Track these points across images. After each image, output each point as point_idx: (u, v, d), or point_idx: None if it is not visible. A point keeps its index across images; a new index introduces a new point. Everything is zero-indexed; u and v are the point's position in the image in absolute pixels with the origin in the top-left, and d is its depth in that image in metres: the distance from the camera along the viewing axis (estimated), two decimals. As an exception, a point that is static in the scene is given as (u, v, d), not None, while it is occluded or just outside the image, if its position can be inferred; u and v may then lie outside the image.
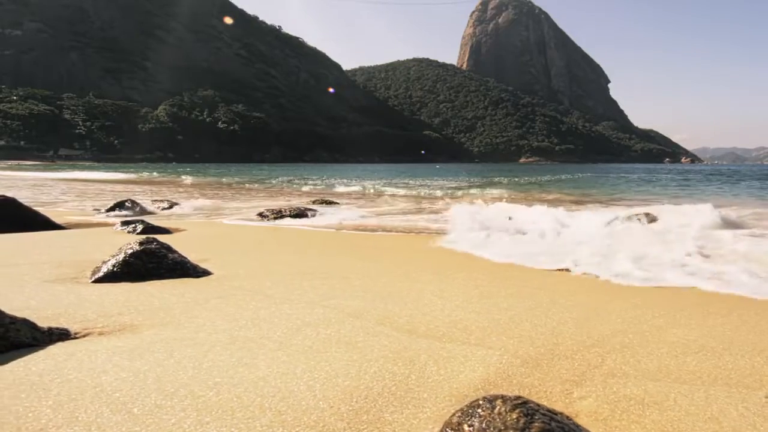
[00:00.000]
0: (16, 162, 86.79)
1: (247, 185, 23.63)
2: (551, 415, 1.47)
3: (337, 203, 12.18)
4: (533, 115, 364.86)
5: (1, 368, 1.98)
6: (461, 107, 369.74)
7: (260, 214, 8.75)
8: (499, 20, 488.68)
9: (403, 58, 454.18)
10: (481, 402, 1.51)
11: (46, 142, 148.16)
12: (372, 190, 18.90)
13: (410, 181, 27.42)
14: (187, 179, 27.65)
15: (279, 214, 8.61)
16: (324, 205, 11.63)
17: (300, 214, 8.68)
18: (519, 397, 1.52)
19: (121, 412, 1.68)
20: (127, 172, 40.30)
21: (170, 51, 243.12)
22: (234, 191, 19.12)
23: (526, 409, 1.45)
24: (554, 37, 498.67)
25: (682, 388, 1.96)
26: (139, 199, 10.81)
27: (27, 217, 6.51)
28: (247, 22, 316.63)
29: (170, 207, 10.25)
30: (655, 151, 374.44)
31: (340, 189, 20.08)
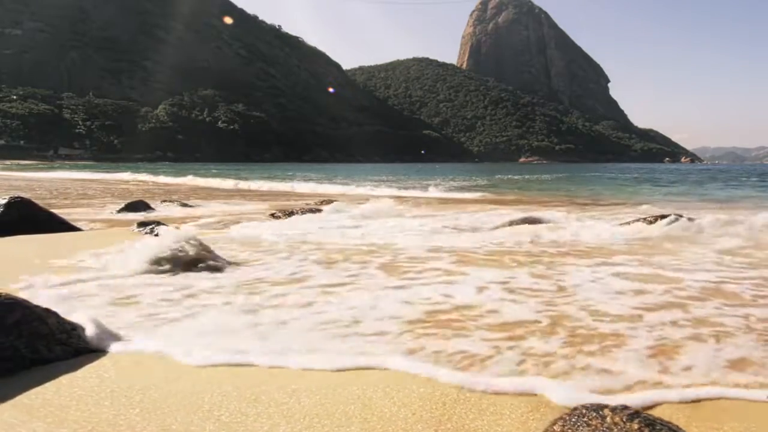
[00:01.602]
0: (16, 162, 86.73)
1: (249, 186, 23.63)
2: (668, 425, 1.40)
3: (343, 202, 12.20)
4: (533, 115, 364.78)
5: (74, 375, 1.99)
6: (461, 107, 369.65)
7: (272, 215, 8.78)
8: (499, 20, 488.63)
9: (402, 57, 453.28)
10: (584, 411, 1.44)
11: (46, 141, 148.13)
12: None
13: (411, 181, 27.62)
14: (191, 180, 27.58)
15: (290, 214, 8.64)
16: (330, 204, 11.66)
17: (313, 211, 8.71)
18: (626, 407, 1.45)
19: (210, 419, 1.66)
20: (128, 172, 40.27)
21: (170, 50, 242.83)
22: (239, 192, 19.14)
23: (644, 419, 1.38)
24: (554, 37, 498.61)
25: (748, 393, 1.94)
26: (148, 199, 10.83)
27: (44, 219, 6.53)
28: (247, 22, 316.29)
29: (181, 207, 10.28)
30: (655, 151, 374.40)
31: (348, 190, 20.11)
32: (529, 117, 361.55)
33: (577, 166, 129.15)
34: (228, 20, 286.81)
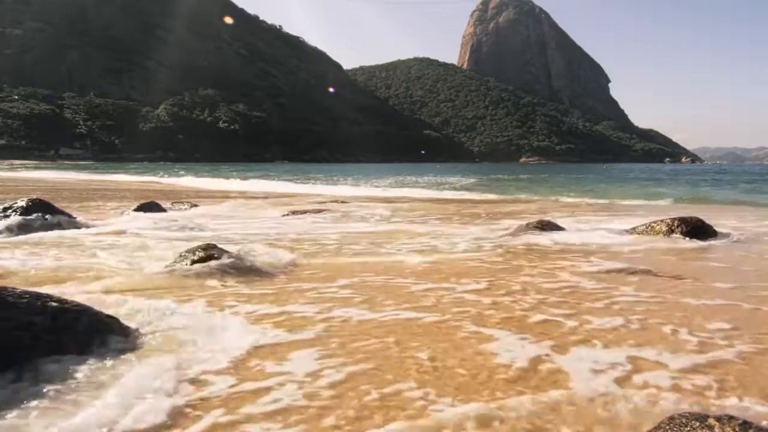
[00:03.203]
0: (19, 162, 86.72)
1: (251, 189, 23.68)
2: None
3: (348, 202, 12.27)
4: (533, 115, 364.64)
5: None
6: (462, 107, 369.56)
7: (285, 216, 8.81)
8: (500, 20, 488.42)
9: (403, 57, 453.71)
10: (685, 421, 1.37)
11: (47, 141, 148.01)
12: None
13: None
14: (205, 181, 27.60)
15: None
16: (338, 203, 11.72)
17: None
18: (731, 416, 1.39)
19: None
20: (133, 173, 40.32)
21: (171, 50, 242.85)
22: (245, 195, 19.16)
23: (757, 429, 1.31)
24: (554, 37, 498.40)
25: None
26: (158, 200, 10.86)
27: (62, 220, 6.56)
28: (248, 22, 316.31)
29: (192, 208, 10.29)
30: (655, 151, 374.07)
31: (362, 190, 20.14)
32: (529, 117, 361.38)
33: (578, 166, 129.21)
34: (228, 20, 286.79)
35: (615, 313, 2.96)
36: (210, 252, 3.80)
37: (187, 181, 27.75)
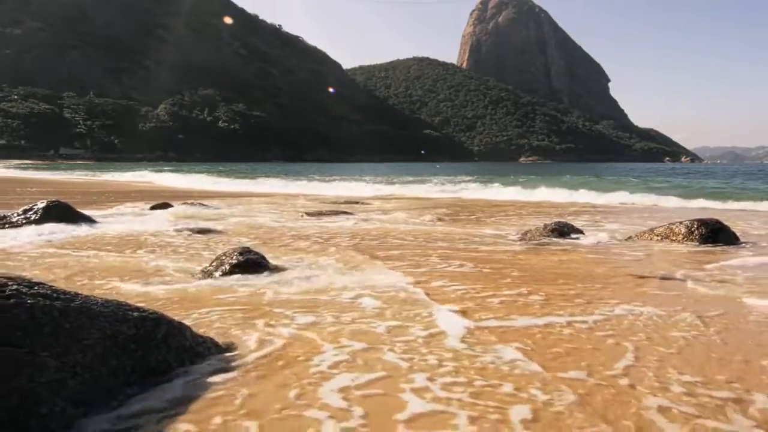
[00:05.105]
0: (21, 162, 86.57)
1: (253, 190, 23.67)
2: None
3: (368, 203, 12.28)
4: (533, 114, 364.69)
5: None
6: (461, 106, 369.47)
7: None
8: (499, 19, 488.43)
9: (403, 57, 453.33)
10: None
11: (46, 141, 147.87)
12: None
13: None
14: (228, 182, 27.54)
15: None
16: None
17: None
18: None
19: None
20: (130, 172, 40.26)
21: (171, 50, 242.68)
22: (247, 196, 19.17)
23: None
24: (554, 36, 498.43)
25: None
26: (168, 200, 10.90)
27: (82, 221, 6.58)
28: (247, 21, 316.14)
29: (200, 207, 10.33)
30: (655, 150, 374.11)
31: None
32: (529, 116, 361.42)
33: (580, 165, 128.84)
34: (228, 20, 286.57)
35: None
36: (247, 256, 3.82)
37: (190, 181, 27.71)
